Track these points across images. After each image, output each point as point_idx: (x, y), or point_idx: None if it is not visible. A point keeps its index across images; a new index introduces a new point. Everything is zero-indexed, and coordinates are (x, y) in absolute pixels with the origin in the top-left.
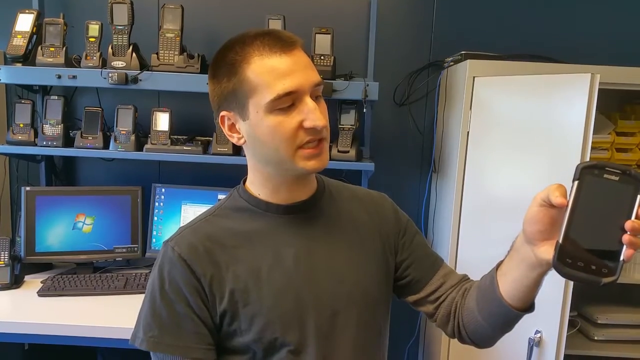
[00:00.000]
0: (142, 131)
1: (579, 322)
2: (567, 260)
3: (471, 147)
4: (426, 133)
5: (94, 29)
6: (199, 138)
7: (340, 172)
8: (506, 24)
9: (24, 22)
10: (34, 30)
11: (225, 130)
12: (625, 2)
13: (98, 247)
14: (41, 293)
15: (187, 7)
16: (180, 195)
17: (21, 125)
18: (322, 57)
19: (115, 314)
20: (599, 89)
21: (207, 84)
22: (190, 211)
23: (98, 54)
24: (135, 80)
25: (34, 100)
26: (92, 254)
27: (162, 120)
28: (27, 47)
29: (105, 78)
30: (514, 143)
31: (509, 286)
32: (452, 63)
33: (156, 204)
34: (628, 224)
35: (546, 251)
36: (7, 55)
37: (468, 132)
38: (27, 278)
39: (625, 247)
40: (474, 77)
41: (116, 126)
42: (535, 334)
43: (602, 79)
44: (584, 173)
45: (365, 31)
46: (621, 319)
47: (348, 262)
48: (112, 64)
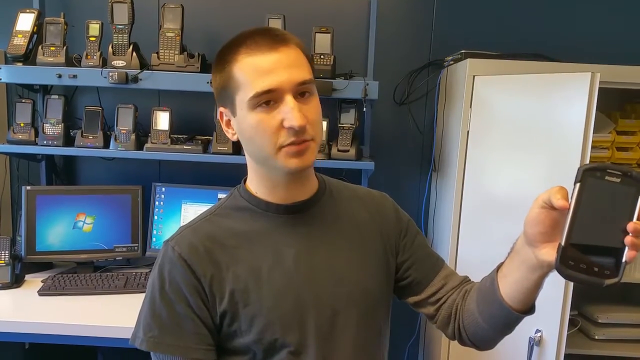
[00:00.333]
0: (143, 130)
1: (580, 321)
2: (570, 263)
3: (471, 146)
4: (426, 132)
5: (94, 28)
6: (199, 137)
7: (340, 171)
8: (506, 23)
9: (25, 22)
10: (35, 30)
11: (223, 126)
12: (625, 2)
13: (98, 247)
14: (42, 292)
15: (187, 7)
16: (180, 195)
17: (22, 124)
18: (322, 56)
19: (115, 313)
20: (599, 88)
21: (209, 82)
22: (191, 210)
23: (98, 53)
24: (135, 79)
25: (35, 99)
26: (93, 253)
27: (163, 120)
28: (28, 47)
29: (105, 77)
30: (514, 142)
31: (510, 288)
32: (452, 62)
33: (156, 203)
34: (630, 226)
35: (547, 253)
36: (8, 55)
37: (468, 131)
38: (28, 277)
39: (627, 249)
40: (474, 76)
41: (116, 125)
42: (535, 333)
43: (602, 78)
44: (586, 175)
45: (365, 30)
46: (622, 318)
47: (348, 262)
48: (113, 63)
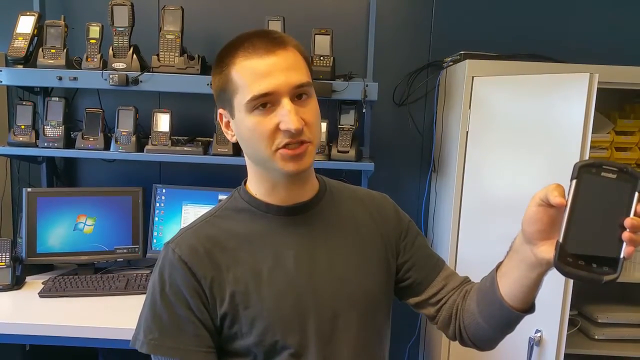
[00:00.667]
0: (143, 132)
1: (579, 321)
2: (568, 259)
3: (470, 147)
4: (425, 133)
5: (94, 30)
6: (199, 139)
7: (340, 172)
8: (505, 23)
9: (25, 24)
10: (35, 32)
11: (223, 127)
12: (625, 2)
13: (99, 248)
14: (42, 294)
15: (187, 9)
16: (181, 196)
17: (22, 126)
18: (322, 58)
19: (116, 315)
20: (598, 89)
21: (209, 84)
22: (191, 212)
23: (99, 55)
24: (135, 81)
25: (35, 101)
26: (93, 255)
27: (163, 121)
28: (28, 49)
29: (106, 79)
30: (514, 142)
31: (509, 287)
32: (451, 63)
33: (157, 204)
34: (627, 222)
35: (546, 251)
36: (8, 57)
37: (467, 132)
38: (29, 279)
39: (625, 245)
40: (473, 77)
41: (117, 127)
42: (535, 333)
43: (601, 78)
44: (582, 172)
45: (364, 32)
46: (621, 318)
47: (349, 264)
48: (113, 65)
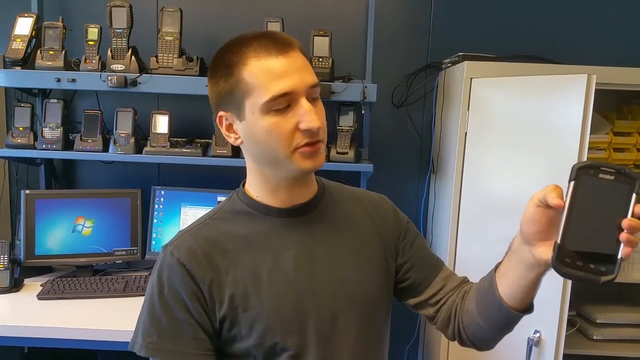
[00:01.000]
0: (142, 134)
1: (578, 322)
2: (566, 260)
3: (469, 148)
4: (424, 134)
5: (93, 32)
6: (198, 140)
7: (339, 174)
8: (503, 25)
9: (23, 26)
10: (33, 34)
11: (223, 131)
12: (622, 4)
13: (98, 250)
14: (41, 296)
15: (186, 10)
16: (179, 198)
17: (20, 128)
18: (321, 60)
19: (115, 317)
20: (596, 90)
21: (207, 85)
22: (190, 213)
23: (97, 57)
24: (134, 83)
25: (34, 103)
26: (92, 257)
27: (162, 123)
28: (26, 51)
29: (104, 81)
30: (512, 143)
31: (508, 287)
32: (450, 64)
33: (156, 206)
34: (625, 222)
35: (544, 251)
36: (7, 59)
37: (466, 133)
38: (27, 281)
39: (622, 245)
40: (471, 78)
41: (115, 129)
42: (534, 333)
43: (599, 79)
44: (580, 173)
45: (363, 33)
46: (620, 318)
47: (349, 265)
48: (112, 67)
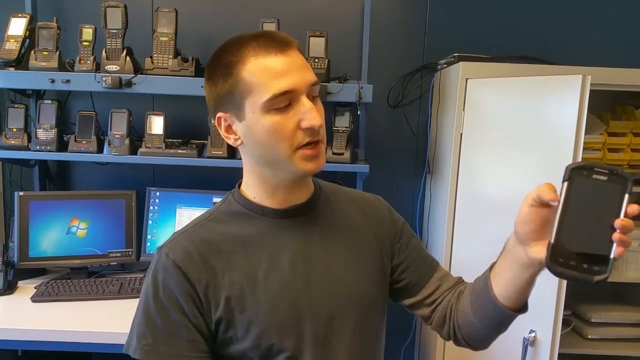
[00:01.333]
0: (137, 135)
1: (573, 321)
2: (560, 260)
3: (464, 148)
4: (420, 134)
5: (87, 32)
6: (193, 141)
7: (335, 174)
8: (498, 26)
9: (17, 26)
10: (27, 34)
11: (222, 132)
12: (617, 5)
13: (92, 252)
14: (35, 299)
15: (181, 11)
16: (175, 199)
17: (14, 129)
18: (316, 60)
19: (110, 319)
20: (591, 90)
21: (203, 86)
22: (185, 215)
23: (92, 58)
24: (129, 84)
25: (27, 104)
26: (87, 259)
27: (157, 124)
28: (20, 51)
29: (99, 82)
30: (507, 144)
31: (502, 287)
32: (445, 65)
33: (151, 207)
34: (618, 222)
35: (538, 251)
36: (0, 60)
37: (461, 134)
38: (21, 284)
39: (615, 245)
40: (466, 79)
41: (110, 130)
42: (529, 333)
43: (594, 80)
44: (574, 174)
45: (359, 34)
46: (614, 318)
47: (345, 265)
48: (106, 67)
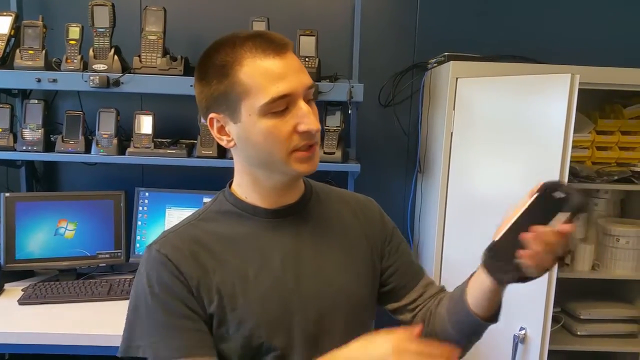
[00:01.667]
0: (125, 135)
1: (562, 318)
2: (494, 260)
3: (455, 148)
4: (411, 134)
5: (74, 31)
6: (183, 141)
7: (326, 174)
8: (488, 25)
9: (2, 25)
10: (12, 33)
11: (214, 133)
12: (606, 4)
13: (81, 253)
14: (22, 301)
15: (170, 9)
16: (164, 199)
17: (0, 130)
18: (307, 59)
19: (99, 321)
20: (579, 89)
21: (193, 86)
22: (175, 215)
23: (79, 57)
24: (117, 83)
25: (13, 104)
26: (75, 260)
27: (145, 124)
28: (5, 50)
29: (86, 81)
30: (497, 143)
31: (475, 295)
32: (436, 64)
33: (140, 208)
34: (533, 227)
35: None
36: None
37: (452, 133)
38: (7, 286)
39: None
40: (457, 78)
41: (98, 130)
42: (520, 330)
43: (582, 79)
44: (542, 189)
45: (349, 33)
46: (603, 314)
47: (336, 265)
48: (94, 67)
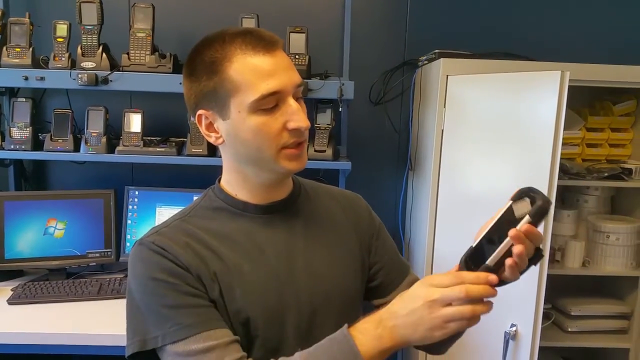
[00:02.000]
0: (114, 133)
1: (553, 315)
2: (470, 264)
3: (446, 145)
4: (402, 131)
5: (61, 28)
6: (173, 139)
7: (317, 172)
8: (479, 22)
9: None
10: None
11: (203, 130)
12: (596, 1)
13: (71, 253)
14: (11, 301)
15: (158, 6)
16: (154, 198)
17: None
18: (297, 57)
19: (89, 320)
20: (569, 86)
21: (181, 83)
22: (165, 214)
23: (67, 54)
24: (105, 81)
25: (0, 102)
26: (65, 260)
27: (135, 122)
28: None
29: (74, 79)
30: (488, 140)
31: None
32: (426, 62)
33: (130, 207)
34: (511, 232)
35: None
36: None
37: (442, 130)
38: None
39: (492, 257)
40: (447, 76)
41: (87, 128)
42: (510, 327)
43: (572, 76)
44: (517, 195)
45: (340, 30)
46: (594, 311)
47: (327, 260)
48: (82, 64)
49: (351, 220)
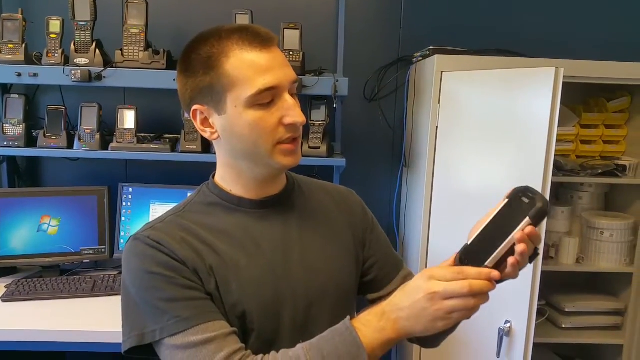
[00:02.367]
0: (107, 129)
1: (547, 311)
2: (465, 260)
3: (440, 141)
4: (396, 128)
5: (54, 25)
6: (166, 136)
7: (311, 168)
8: (473, 19)
9: None
10: None
11: (198, 125)
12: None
13: (64, 250)
14: (5, 298)
15: (152, 2)
16: (148, 195)
17: None
18: (291, 53)
19: (83, 317)
20: (564, 83)
21: (175, 79)
22: (159, 210)
23: (60, 50)
24: (99, 77)
25: None
26: (59, 257)
27: (128, 118)
28: None
29: (67, 75)
30: (482, 136)
31: None
32: (421, 58)
33: (124, 203)
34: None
35: None
36: None
37: (437, 127)
38: None
39: (493, 257)
40: (441, 72)
41: (80, 125)
42: (505, 323)
43: (566, 72)
44: (513, 193)
45: (334, 26)
46: (588, 307)
47: (322, 254)
48: (75, 61)
49: (345, 214)
